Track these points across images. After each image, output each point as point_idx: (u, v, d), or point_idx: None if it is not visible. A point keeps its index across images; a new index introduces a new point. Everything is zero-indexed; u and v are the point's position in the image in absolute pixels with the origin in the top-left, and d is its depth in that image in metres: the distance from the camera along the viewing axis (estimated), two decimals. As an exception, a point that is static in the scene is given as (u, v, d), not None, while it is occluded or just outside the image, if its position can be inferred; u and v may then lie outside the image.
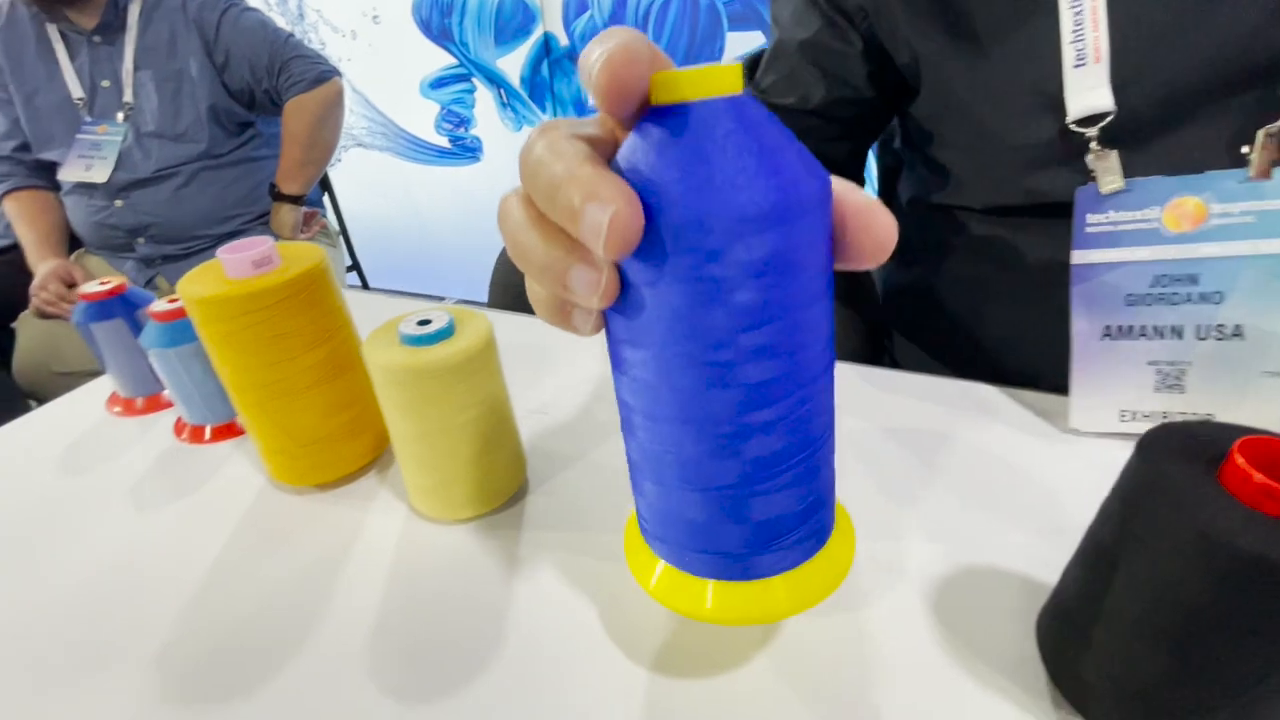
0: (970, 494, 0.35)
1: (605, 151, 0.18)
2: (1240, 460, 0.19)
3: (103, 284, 0.45)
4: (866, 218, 0.18)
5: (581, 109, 1.75)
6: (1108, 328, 0.36)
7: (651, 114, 0.17)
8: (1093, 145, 0.36)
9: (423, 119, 1.97)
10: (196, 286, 0.33)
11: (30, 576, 0.34)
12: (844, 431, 0.40)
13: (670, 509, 0.21)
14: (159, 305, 0.41)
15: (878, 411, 0.42)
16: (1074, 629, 0.24)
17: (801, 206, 0.16)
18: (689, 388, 0.18)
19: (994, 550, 0.31)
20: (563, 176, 0.16)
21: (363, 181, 2.13)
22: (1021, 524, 0.33)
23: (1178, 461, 0.21)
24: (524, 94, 1.78)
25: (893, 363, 0.61)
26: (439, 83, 1.88)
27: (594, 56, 0.16)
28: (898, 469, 0.37)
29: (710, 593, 0.22)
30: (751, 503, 0.20)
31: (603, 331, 0.20)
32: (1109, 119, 0.36)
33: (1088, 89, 0.36)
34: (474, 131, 1.92)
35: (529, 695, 0.26)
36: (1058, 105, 0.38)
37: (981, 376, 0.44)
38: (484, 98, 1.85)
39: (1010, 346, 0.48)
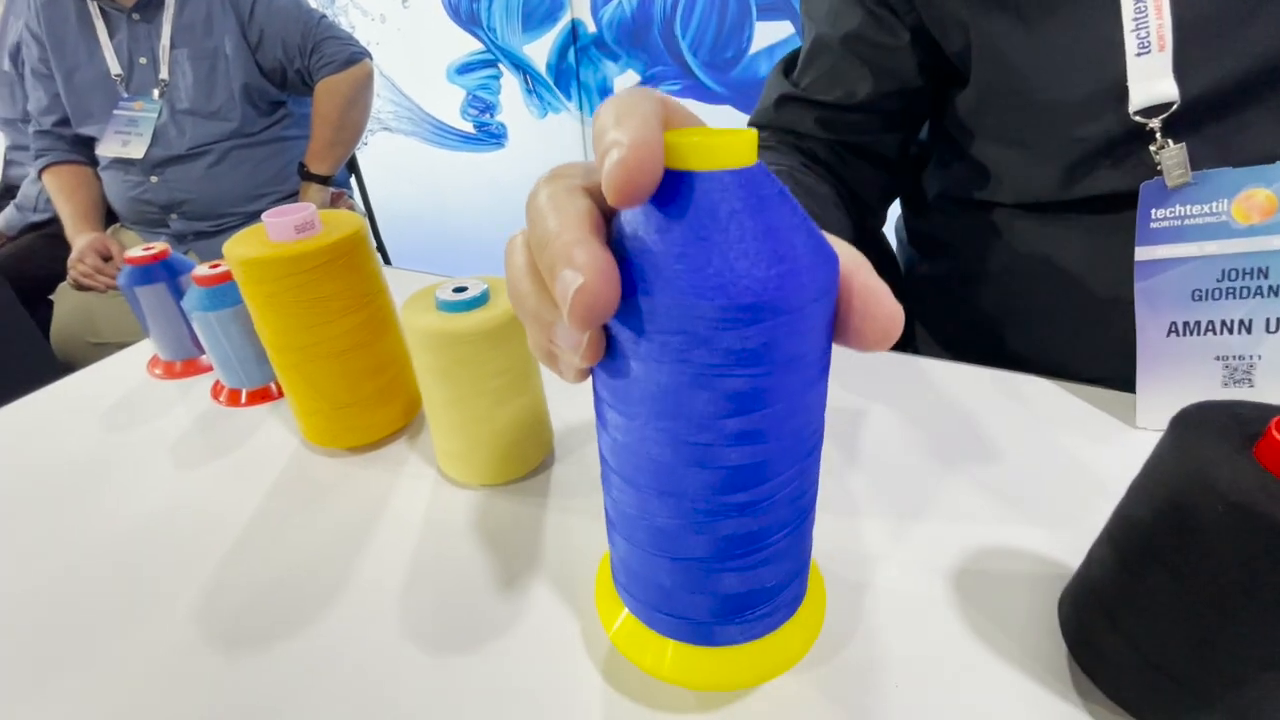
0: (993, 480, 0.35)
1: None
2: (1278, 435, 0.19)
3: (146, 249, 0.46)
4: (872, 304, 0.17)
5: (607, 95, 1.75)
6: (1173, 324, 0.36)
7: None
8: (1157, 137, 0.35)
9: (449, 104, 1.98)
10: (241, 248, 0.34)
11: (71, 530, 0.35)
12: (868, 417, 0.40)
13: (639, 568, 0.21)
14: (202, 270, 0.42)
15: (905, 397, 0.42)
16: (1100, 606, 0.24)
17: (803, 297, 0.15)
18: (667, 463, 0.18)
19: (1016, 535, 0.31)
20: (551, 233, 0.16)
21: (388, 165, 2.15)
22: (1045, 511, 0.33)
23: (1212, 437, 0.21)
24: (550, 81, 1.79)
25: (915, 353, 0.60)
26: (465, 68, 1.89)
27: (608, 140, 0.14)
28: (923, 453, 0.37)
29: (670, 653, 0.22)
30: (722, 577, 0.19)
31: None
32: (1173, 109, 0.35)
33: (1151, 78, 0.35)
34: (499, 118, 1.93)
35: (551, 655, 0.27)
36: (1120, 95, 0.36)
37: (1008, 369, 0.43)
38: (510, 84, 1.85)
39: (1038, 342, 0.48)
